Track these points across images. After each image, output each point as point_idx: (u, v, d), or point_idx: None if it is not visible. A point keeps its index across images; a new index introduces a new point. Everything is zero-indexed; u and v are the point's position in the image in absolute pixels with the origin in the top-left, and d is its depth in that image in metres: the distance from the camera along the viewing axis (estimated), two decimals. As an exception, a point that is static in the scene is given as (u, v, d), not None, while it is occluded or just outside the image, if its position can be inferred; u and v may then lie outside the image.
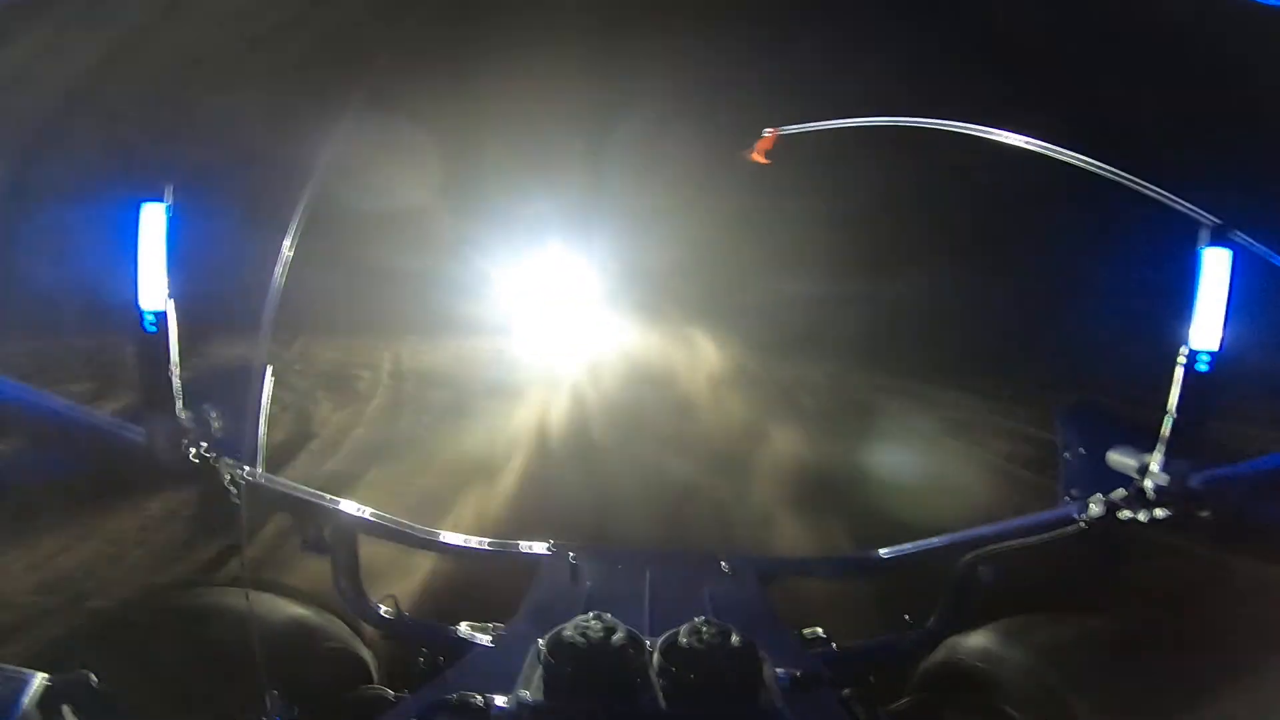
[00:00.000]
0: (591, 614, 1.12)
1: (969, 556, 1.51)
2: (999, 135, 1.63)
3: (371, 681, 1.43)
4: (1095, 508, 1.35)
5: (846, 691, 1.13)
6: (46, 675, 0.89)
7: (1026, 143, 1.60)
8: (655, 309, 7.17)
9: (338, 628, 1.44)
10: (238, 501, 1.37)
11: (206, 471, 1.36)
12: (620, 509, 3.49)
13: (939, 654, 1.41)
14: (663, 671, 1.06)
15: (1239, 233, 1.24)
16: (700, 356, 6.76)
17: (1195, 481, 1.22)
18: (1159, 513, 1.27)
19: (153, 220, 1.26)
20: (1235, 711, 0.98)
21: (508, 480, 4.13)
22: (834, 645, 1.53)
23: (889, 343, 6.54)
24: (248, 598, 1.21)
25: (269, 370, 1.63)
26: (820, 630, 1.56)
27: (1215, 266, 1.24)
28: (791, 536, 3.42)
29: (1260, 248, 1.24)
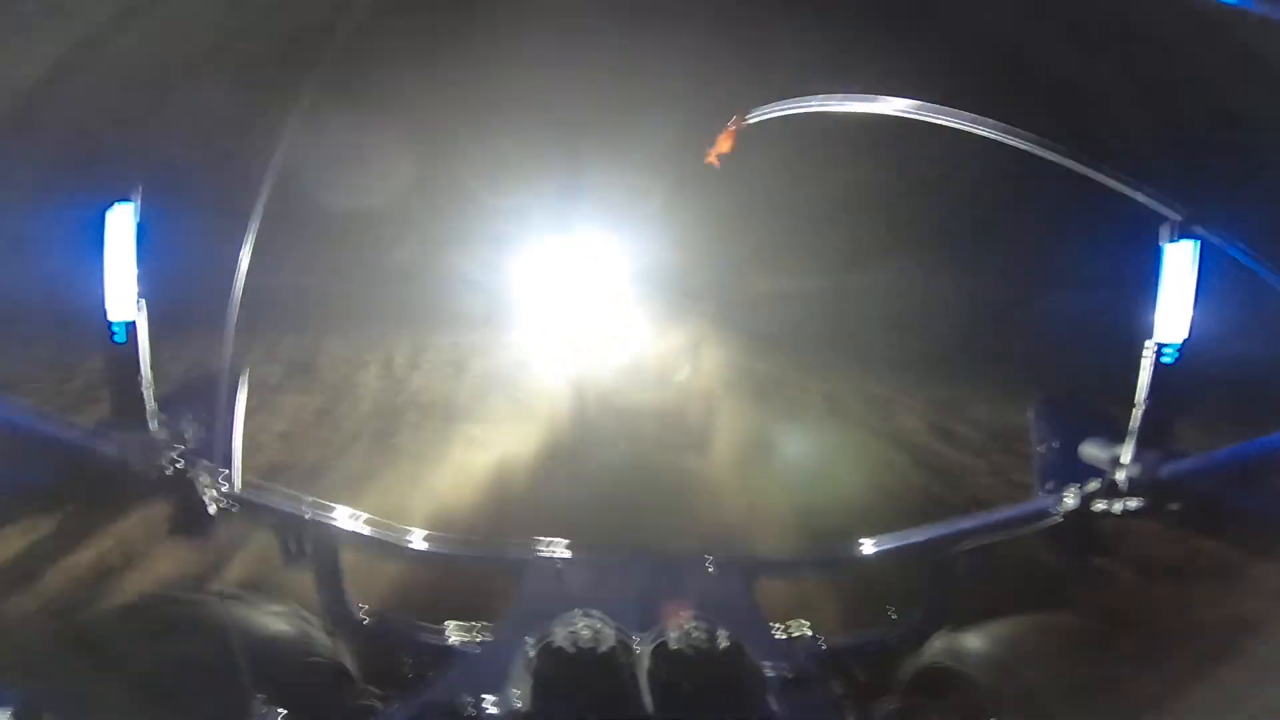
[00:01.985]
0: (579, 615, 1.12)
1: (949, 550, 1.53)
2: (975, 127, 1.63)
3: (358, 687, 1.41)
4: (1070, 500, 1.38)
5: (835, 687, 1.14)
6: (27, 687, 0.86)
7: (1001, 133, 1.61)
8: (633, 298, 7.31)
9: (323, 633, 1.42)
10: (215, 511, 1.35)
11: (182, 482, 1.33)
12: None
13: (925, 649, 1.43)
14: (652, 673, 1.06)
15: (1201, 227, 1.26)
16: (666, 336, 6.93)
17: (1165, 472, 1.25)
18: (1131, 503, 1.30)
19: (121, 223, 1.23)
20: (1215, 705, 1.00)
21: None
22: (820, 642, 1.55)
23: (855, 336, 6.69)
24: (228, 606, 1.19)
25: (245, 377, 1.61)
26: (807, 626, 1.58)
27: (1180, 260, 1.26)
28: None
29: (1219, 241, 1.26)
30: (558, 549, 1.65)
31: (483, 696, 1.06)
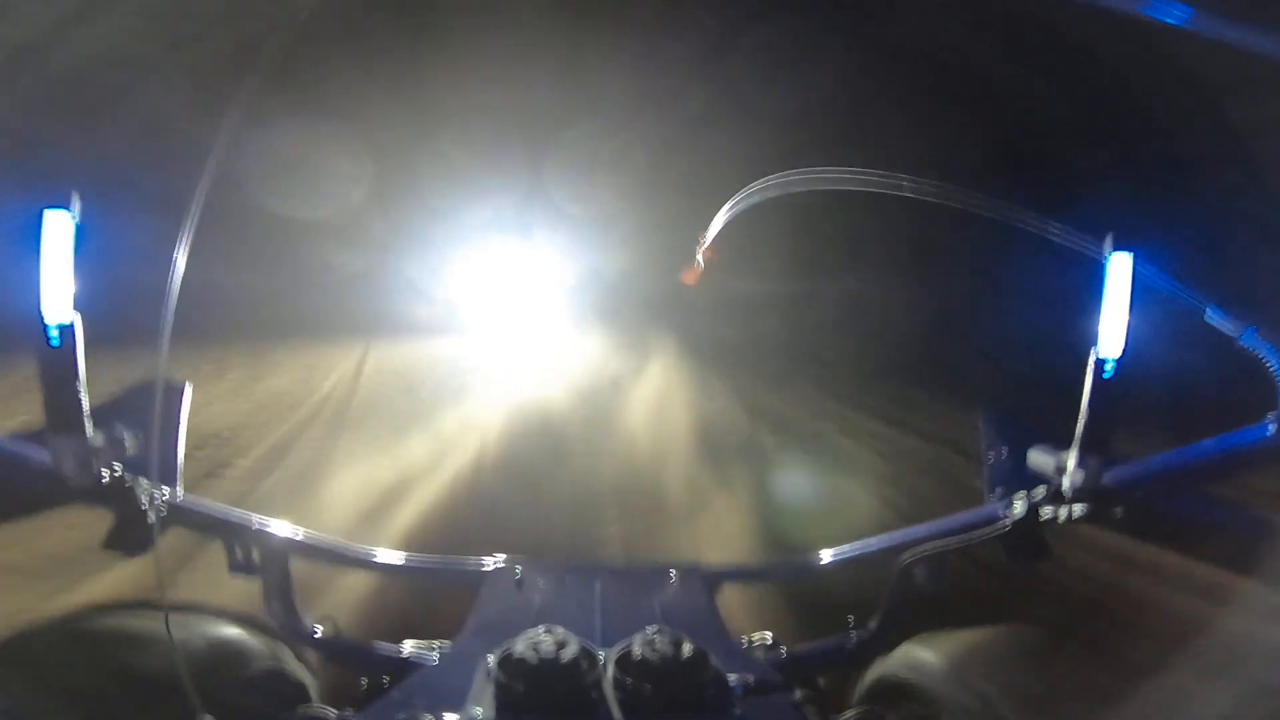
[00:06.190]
0: (542, 628, 1.10)
1: (904, 557, 1.56)
2: (911, 188, 1.71)
3: (311, 701, 1.36)
4: (1018, 506, 1.42)
5: (797, 695, 1.14)
6: None
7: (934, 193, 1.68)
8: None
9: (273, 648, 1.37)
10: (154, 521, 1.29)
11: (121, 493, 1.28)
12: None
13: (883, 655, 1.45)
14: (617, 683, 1.05)
15: (1131, 255, 1.31)
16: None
17: (1107, 478, 1.30)
18: (1076, 509, 1.34)
19: (57, 228, 1.18)
20: (1168, 706, 1.03)
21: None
22: (783, 650, 1.56)
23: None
24: (171, 618, 1.13)
25: (188, 385, 1.55)
26: (768, 635, 1.59)
27: (1118, 275, 1.31)
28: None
29: (1149, 269, 1.31)
30: (517, 564, 1.63)
31: (443, 711, 1.03)
